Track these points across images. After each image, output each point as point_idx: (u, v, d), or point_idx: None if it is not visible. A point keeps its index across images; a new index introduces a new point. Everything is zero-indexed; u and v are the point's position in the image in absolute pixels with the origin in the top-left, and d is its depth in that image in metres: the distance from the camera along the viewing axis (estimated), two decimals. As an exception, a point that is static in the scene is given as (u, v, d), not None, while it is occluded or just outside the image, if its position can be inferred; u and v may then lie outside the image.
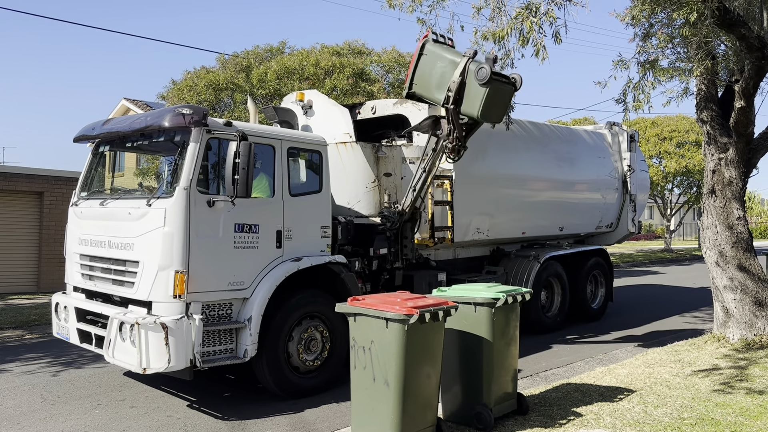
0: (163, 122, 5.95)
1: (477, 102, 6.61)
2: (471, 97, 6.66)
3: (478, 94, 6.58)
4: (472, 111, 6.70)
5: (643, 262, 25.50)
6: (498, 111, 6.94)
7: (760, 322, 8.26)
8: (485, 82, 6.43)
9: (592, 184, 11.12)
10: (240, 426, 5.69)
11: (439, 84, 6.95)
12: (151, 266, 5.74)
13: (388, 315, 4.51)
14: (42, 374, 7.51)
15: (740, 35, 7.10)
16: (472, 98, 6.66)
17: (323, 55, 16.84)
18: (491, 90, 6.51)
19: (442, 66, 6.94)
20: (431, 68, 7.04)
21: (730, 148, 8.56)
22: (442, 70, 6.93)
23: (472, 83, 6.58)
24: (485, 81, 6.42)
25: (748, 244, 8.60)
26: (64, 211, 8.10)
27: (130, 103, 25.11)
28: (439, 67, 6.97)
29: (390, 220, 7.75)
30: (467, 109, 6.76)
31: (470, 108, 6.71)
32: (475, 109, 6.65)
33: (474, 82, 6.56)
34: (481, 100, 6.56)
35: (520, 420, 5.45)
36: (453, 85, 6.69)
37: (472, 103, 6.66)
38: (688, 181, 28.91)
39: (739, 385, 6.46)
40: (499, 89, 6.65)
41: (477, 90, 6.57)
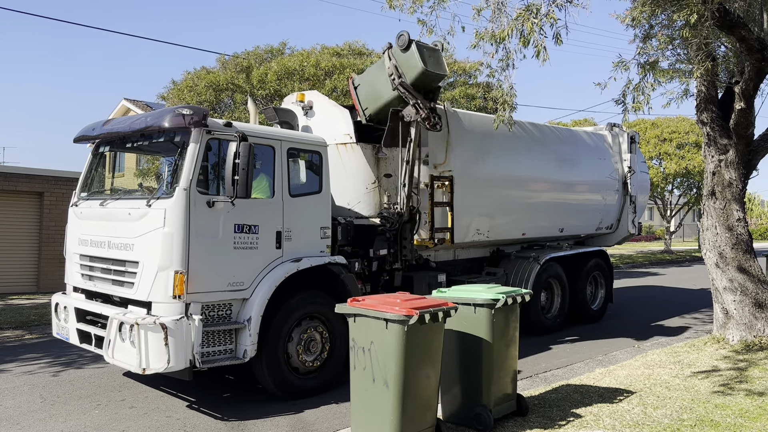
0: (163, 123, 5.95)
1: (414, 60, 7.36)
2: (408, 63, 7.41)
3: (411, 56, 7.37)
4: (417, 68, 7.34)
5: (643, 264, 25.49)
6: (438, 61, 7.61)
7: (759, 324, 8.26)
8: (407, 42, 7.34)
9: (592, 186, 11.12)
10: (239, 426, 5.69)
11: (382, 88, 7.75)
12: (150, 267, 5.75)
13: (388, 316, 4.51)
14: (42, 374, 7.51)
15: (740, 37, 7.11)
16: (410, 63, 7.40)
17: (323, 56, 16.85)
18: (418, 47, 7.35)
19: (374, 76, 7.91)
20: (368, 87, 8.02)
21: (730, 149, 8.56)
22: (375, 78, 7.86)
23: (401, 55, 7.43)
24: (407, 42, 7.34)
25: (748, 246, 8.60)
26: (64, 212, 8.10)
27: (131, 103, 25.12)
28: (372, 80, 7.94)
29: (389, 221, 7.76)
30: (412, 72, 7.38)
31: (414, 69, 7.37)
32: (418, 66, 7.33)
33: (402, 54, 7.43)
34: (417, 57, 7.33)
35: (520, 421, 5.45)
36: (391, 70, 7.47)
37: (414, 65, 7.36)
38: (688, 183, 28.92)
39: (739, 386, 6.46)
40: (424, 46, 7.48)
41: (408, 55, 7.40)
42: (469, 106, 17.28)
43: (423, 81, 7.46)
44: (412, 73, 7.36)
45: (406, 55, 7.35)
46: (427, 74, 7.37)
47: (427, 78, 7.45)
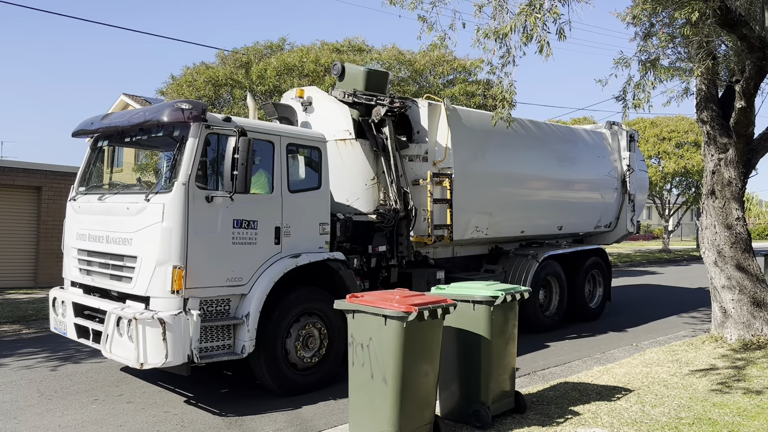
0: (162, 117, 5.93)
1: (355, 71, 8.56)
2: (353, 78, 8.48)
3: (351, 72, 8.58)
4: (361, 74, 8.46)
5: (641, 262, 25.52)
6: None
7: (757, 323, 8.27)
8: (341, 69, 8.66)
9: (591, 184, 11.11)
10: (237, 422, 5.68)
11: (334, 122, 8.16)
12: (149, 261, 5.73)
13: (387, 312, 4.50)
14: (39, 369, 7.49)
15: (741, 35, 7.09)
16: (353, 78, 8.49)
17: (323, 52, 16.83)
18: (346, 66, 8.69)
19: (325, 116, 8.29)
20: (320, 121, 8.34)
21: (730, 148, 8.55)
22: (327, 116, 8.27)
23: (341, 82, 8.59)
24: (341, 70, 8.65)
25: (747, 245, 8.60)
26: (62, 206, 8.08)
27: (129, 98, 25.06)
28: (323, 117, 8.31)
29: (385, 218, 7.75)
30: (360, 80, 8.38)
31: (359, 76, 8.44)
32: (361, 71, 8.50)
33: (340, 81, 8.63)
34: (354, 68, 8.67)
35: (518, 418, 5.45)
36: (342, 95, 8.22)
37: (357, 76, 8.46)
38: (687, 182, 28.93)
39: (737, 385, 6.46)
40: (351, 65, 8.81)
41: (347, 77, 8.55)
42: (469, 104, 17.26)
43: (373, 81, 8.42)
44: (360, 81, 8.34)
45: (346, 78, 8.54)
46: (373, 73, 8.51)
47: (375, 77, 8.50)
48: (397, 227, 7.87)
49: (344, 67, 8.59)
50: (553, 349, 8.85)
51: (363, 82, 8.33)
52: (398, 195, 7.81)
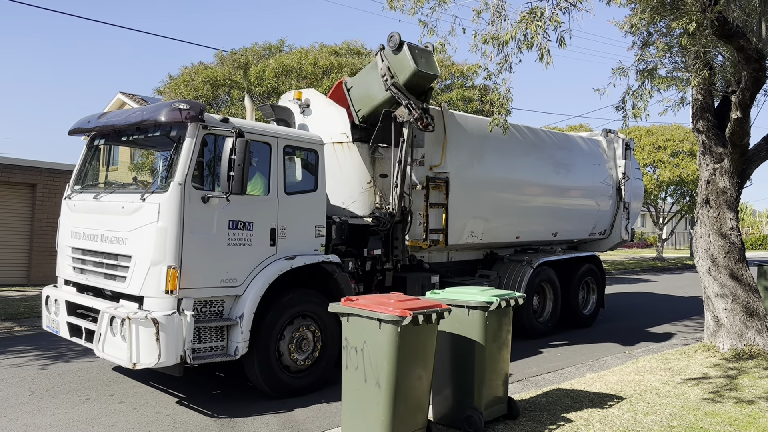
0: (160, 117, 5.92)
1: (406, 61, 7.43)
2: (400, 64, 7.48)
3: (403, 57, 7.45)
4: (409, 69, 7.42)
5: (635, 270, 25.58)
6: (430, 63, 7.64)
7: (750, 332, 8.30)
8: (399, 43, 7.43)
9: (586, 191, 11.14)
10: (229, 424, 5.66)
11: (374, 89, 7.81)
12: (143, 261, 5.71)
13: (382, 316, 4.50)
14: (30, 367, 7.46)
15: (738, 46, 7.13)
16: (402, 64, 7.47)
17: (322, 55, 16.83)
18: (409, 47, 7.43)
19: (366, 77, 7.96)
20: (361, 88, 8.05)
21: (725, 158, 8.59)
22: (368, 80, 7.91)
23: (393, 56, 7.52)
24: (398, 42, 7.43)
25: (741, 254, 8.64)
26: (56, 204, 8.07)
27: (126, 97, 25.00)
28: (365, 81, 7.99)
29: (381, 221, 7.75)
30: (405, 72, 7.46)
31: (406, 69, 7.44)
32: (410, 67, 7.41)
33: (394, 55, 7.51)
34: (409, 57, 7.39)
35: (510, 424, 5.45)
36: (383, 71, 7.53)
37: (406, 65, 7.44)
38: (682, 191, 29.02)
39: (729, 394, 6.48)
40: (415, 47, 7.54)
41: (400, 56, 7.47)
42: (466, 109, 17.30)
43: (415, 81, 7.54)
44: (404, 74, 7.45)
45: (399, 56, 7.45)
46: (419, 75, 7.46)
47: (419, 78, 7.53)
48: (392, 231, 7.87)
49: (403, 44, 7.43)
50: (547, 356, 8.86)
51: (407, 77, 7.47)
52: (399, 198, 7.78)
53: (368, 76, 8.00)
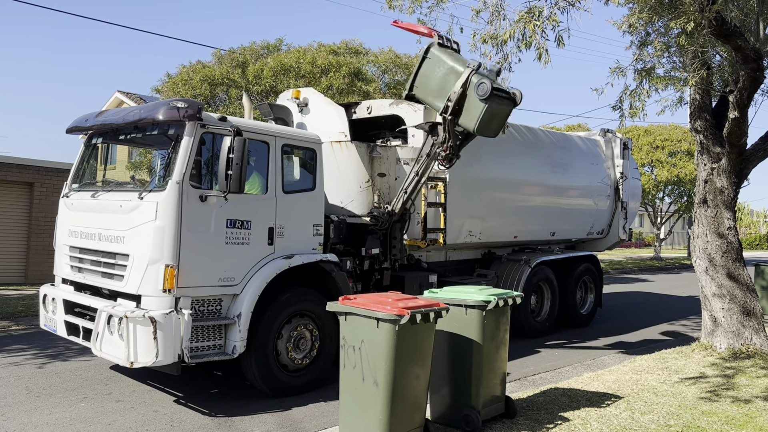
0: (158, 115, 5.91)
1: (475, 116, 6.63)
2: (470, 110, 6.66)
3: (476, 109, 6.58)
4: (469, 125, 6.74)
5: (633, 270, 25.62)
6: (495, 126, 6.97)
7: (747, 332, 8.31)
8: (485, 97, 6.44)
9: (584, 191, 11.15)
10: (227, 423, 5.66)
11: (439, 91, 6.95)
12: (141, 260, 5.71)
13: (379, 315, 4.50)
14: (28, 366, 7.45)
15: (736, 46, 7.14)
16: (470, 111, 6.66)
17: (320, 54, 16.82)
18: (490, 106, 6.53)
19: (444, 73, 6.90)
20: (433, 73, 7.01)
21: (723, 158, 8.60)
22: (444, 78, 6.90)
23: (473, 96, 6.57)
24: (485, 97, 6.44)
25: (738, 254, 8.65)
26: (54, 203, 8.05)
27: (124, 95, 24.98)
28: (441, 73, 6.93)
29: (379, 220, 7.75)
30: (465, 122, 6.79)
31: (468, 121, 6.74)
32: (472, 124, 6.69)
33: (474, 96, 6.55)
34: (479, 116, 6.59)
35: (508, 423, 5.45)
36: (453, 95, 6.69)
37: (471, 117, 6.68)
38: (679, 191, 29.07)
39: (726, 393, 6.50)
40: (498, 105, 6.65)
41: (476, 104, 6.56)
42: (464, 108, 17.27)
43: (466, 133, 7.11)
44: (464, 121, 6.81)
45: (476, 103, 6.59)
46: (473, 134, 7.03)
47: (471, 134, 7.11)
48: (390, 230, 7.88)
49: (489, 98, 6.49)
50: (544, 355, 8.87)
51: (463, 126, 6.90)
52: (404, 203, 7.76)
53: (446, 72, 6.92)
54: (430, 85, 7.07)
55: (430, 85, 7.05)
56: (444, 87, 6.88)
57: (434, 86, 7.01)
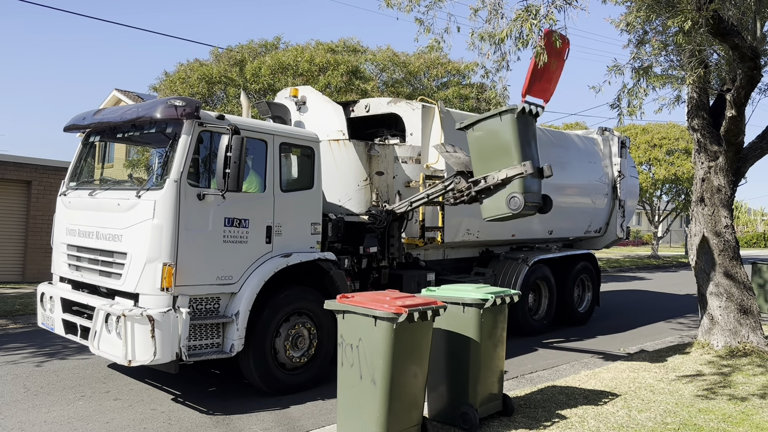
0: (155, 113, 5.90)
1: (494, 211, 6.75)
2: (495, 201, 6.72)
3: (500, 209, 6.68)
4: (485, 212, 6.87)
5: (630, 268, 25.66)
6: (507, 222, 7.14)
7: (744, 330, 8.34)
8: (513, 211, 6.56)
9: (582, 189, 11.17)
10: (224, 421, 5.66)
11: (483, 154, 6.75)
12: (139, 258, 5.71)
13: (377, 313, 4.51)
14: (25, 364, 7.44)
15: (733, 45, 7.16)
16: (495, 203, 6.72)
17: (318, 52, 16.81)
18: (514, 214, 6.65)
19: (500, 148, 6.60)
20: (491, 135, 6.69)
21: (720, 156, 8.62)
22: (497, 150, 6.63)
23: (503, 196, 6.62)
24: (514, 210, 6.54)
25: (735, 252, 8.67)
26: (51, 201, 8.03)
27: (122, 94, 24.94)
28: (498, 145, 6.62)
29: (377, 219, 7.76)
30: (485, 204, 6.85)
31: (487, 209, 6.83)
32: (487, 213, 6.85)
33: (504, 197, 6.59)
34: (498, 215, 6.74)
35: (505, 421, 5.47)
36: (491, 179, 6.65)
37: (492, 207, 6.77)
38: (677, 189, 29.10)
39: (723, 391, 6.52)
40: (520, 213, 6.65)
41: (502, 205, 6.63)
42: (462, 106, 17.31)
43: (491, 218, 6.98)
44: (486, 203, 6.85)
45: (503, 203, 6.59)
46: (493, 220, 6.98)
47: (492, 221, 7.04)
48: (388, 229, 7.88)
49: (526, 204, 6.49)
50: (541, 353, 8.88)
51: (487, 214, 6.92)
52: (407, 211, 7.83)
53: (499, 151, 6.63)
54: (481, 141, 6.79)
55: (481, 142, 6.78)
56: (490, 156, 6.69)
57: (483, 146, 6.74)
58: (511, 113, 6.49)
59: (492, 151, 6.65)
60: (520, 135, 6.55)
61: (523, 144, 6.55)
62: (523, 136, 6.58)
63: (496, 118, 6.60)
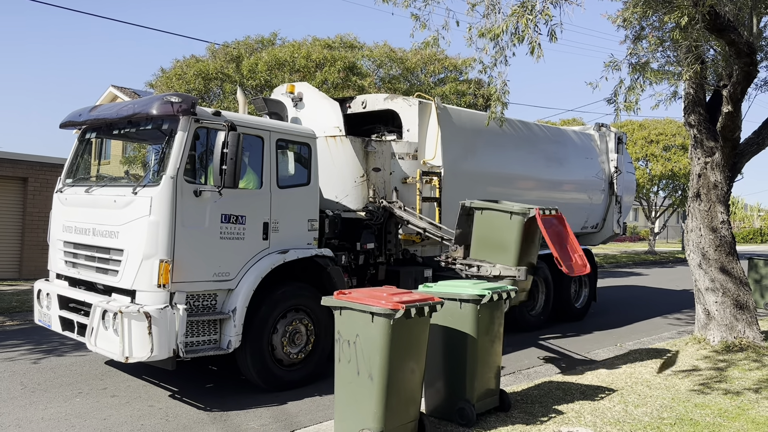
0: (151, 110, 5.89)
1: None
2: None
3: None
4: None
5: (627, 264, 25.71)
6: None
7: (740, 325, 8.36)
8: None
9: (579, 185, 11.18)
10: (222, 417, 5.67)
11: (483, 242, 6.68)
12: (135, 255, 5.70)
13: (374, 309, 4.51)
14: (22, 361, 7.43)
15: (730, 40, 7.16)
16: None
17: (315, 48, 16.78)
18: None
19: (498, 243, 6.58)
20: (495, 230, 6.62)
21: (717, 152, 8.63)
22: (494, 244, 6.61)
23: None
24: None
25: (731, 248, 8.69)
26: (48, 198, 8.02)
27: (118, 90, 24.84)
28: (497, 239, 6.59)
29: (374, 215, 7.75)
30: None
31: None
32: None
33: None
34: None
35: (502, 416, 5.48)
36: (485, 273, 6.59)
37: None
38: (674, 185, 29.17)
39: (718, 386, 6.54)
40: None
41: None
42: (459, 102, 17.30)
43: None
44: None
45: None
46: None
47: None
48: (385, 225, 7.88)
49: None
50: (538, 349, 8.90)
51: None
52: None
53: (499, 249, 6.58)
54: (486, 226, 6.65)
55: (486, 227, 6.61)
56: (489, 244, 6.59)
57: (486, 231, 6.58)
58: (521, 216, 6.43)
59: (493, 241, 6.58)
60: (522, 239, 6.47)
61: (524, 249, 6.49)
62: (525, 240, 6.50)
63: (506, 215, 6.53)
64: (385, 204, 7.82)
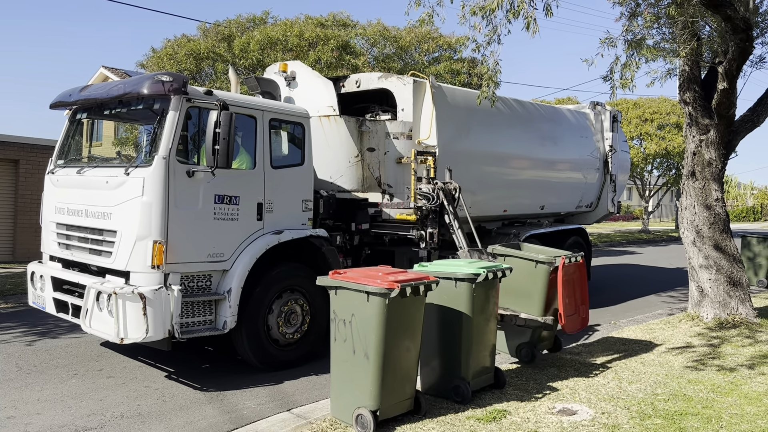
0: (142, 89, 5.82)
1: None
2: None
3: None
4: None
5: (621, 243, 25.81)
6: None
7: (733, 302, 8.42)
8: None
9: (573, 164, 11.16)
10: (218, 397, 5.68)
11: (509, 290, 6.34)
12: (128, 236, 5.66)
13: (369, 288, 4.50)
14: (17, 343, 7.42)
15: (726, 16, 7.11)
16: None
17: (307, 26, 16.61)
18: None
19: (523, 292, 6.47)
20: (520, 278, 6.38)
21: (711, 129, 8.62)
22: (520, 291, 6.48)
23: None
24: None
25: (725, 225, 8.72)
26: (40, 180, 7.94)
27: (109, 71, 24.56)
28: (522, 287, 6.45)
29: (430, 198, 7.66)
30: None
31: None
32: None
33: None
34: None
35: (497, 393, 5.52)
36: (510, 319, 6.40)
37: None
38: (668, 163, 29.22)
39: (712, 362, 6.60)
40: None
41: None
42: (454, 81, 17.20)
43: None
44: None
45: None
46: None
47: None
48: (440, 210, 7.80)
49: None
50: (533, 327, 8.93)
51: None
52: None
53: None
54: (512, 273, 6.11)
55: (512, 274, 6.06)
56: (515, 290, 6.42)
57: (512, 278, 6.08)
58: (547, 266, 6.36)
59: (515, 288, 6.43)
60: (549, 288, 6.40)
61: (550, 297, 6.42)
62: (550, 289, 6.41)
63: (531, 263, 6.47)
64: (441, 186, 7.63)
